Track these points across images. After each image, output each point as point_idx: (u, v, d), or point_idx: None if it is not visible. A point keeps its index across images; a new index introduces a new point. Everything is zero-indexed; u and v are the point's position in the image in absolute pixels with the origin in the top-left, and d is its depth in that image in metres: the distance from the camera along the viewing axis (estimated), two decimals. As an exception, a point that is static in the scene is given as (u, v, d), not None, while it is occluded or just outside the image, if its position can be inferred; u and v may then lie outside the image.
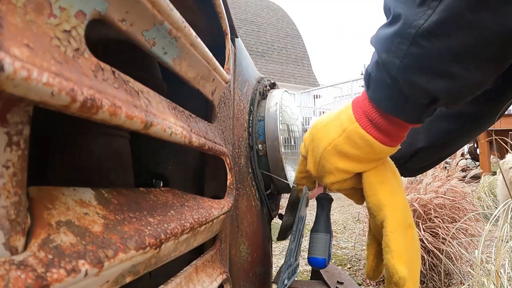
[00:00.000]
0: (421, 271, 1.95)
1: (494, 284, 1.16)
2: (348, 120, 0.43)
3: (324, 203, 0.55)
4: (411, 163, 0.61)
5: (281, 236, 0.62)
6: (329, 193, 0.56)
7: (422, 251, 1.94)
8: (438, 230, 1.96)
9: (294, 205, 0.58)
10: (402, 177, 0.53)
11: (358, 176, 0.46)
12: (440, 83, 0.34)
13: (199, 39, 0.29)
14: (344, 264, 2.50)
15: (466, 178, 2.59)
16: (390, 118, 0.40)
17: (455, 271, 1.98)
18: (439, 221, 2.00)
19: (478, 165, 6.13)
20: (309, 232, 0.55)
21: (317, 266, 0.53)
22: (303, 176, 0.53)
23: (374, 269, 0.48)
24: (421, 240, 1.95)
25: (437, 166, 2.46)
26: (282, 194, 0.72)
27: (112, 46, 0.45)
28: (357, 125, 0.42)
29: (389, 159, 0.48)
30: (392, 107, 0.39)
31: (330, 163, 0.44)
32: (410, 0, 0.34)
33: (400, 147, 0.44)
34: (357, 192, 0.49)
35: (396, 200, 0.44)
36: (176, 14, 0.24)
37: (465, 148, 7.46)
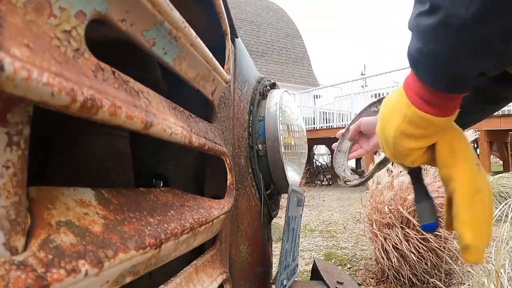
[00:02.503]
0: (424, 269, 1.95)
1: (494, 284, 1.16)
2: (406, 106, 0.48)
3: (415, 174, 0.60)
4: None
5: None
6: None
7: (423, 250, 1.94)
8: (438, 230, 1.96)
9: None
10: None
11: (433, 147, 0.53)
12: (489, 62, 0.39)
13: (199, 39, 0.28)
14: (344, 264, 2.49)
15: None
16: (442, 94, 0.45)
17: (456, 271, 1.98)
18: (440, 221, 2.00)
19: (478, 165, 6.08)
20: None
21: (429, 230, 0.59)
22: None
23: (449, 224, 0.56)
24: (423, 239, 1.95)
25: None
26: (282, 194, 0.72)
27: (112, 46, 0.45)
28: (414, 108, 0.47)
29: (454, 125, 0.53)
30: (444, 85, 0.44)
31: (402, 146, 0.51)
32: None
33: (459, 110, 0.50)
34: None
35: (464, 170, 0.50)
36: (176, 14, 0.24)
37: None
